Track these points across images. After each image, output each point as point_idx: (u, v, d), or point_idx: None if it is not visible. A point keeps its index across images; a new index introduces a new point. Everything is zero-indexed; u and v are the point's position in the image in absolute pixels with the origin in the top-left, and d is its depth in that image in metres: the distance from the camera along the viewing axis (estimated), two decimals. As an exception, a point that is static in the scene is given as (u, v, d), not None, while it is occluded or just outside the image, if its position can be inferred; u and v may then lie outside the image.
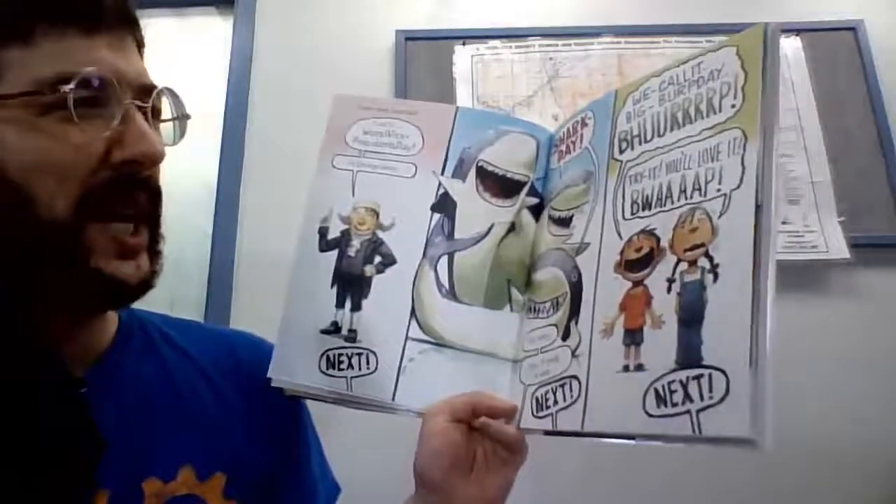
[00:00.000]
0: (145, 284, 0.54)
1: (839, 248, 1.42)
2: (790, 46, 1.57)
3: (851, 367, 1.39)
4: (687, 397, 0.47)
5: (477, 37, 1.63)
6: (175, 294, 1.48)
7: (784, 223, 1.44)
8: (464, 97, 1.57)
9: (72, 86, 0.48)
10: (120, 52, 0.52)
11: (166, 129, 0.57)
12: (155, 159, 0.52)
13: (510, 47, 1.62)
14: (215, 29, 1.74)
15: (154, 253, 0.55)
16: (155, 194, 0.55)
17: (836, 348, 1.39)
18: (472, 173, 0.68)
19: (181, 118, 0.58)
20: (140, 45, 0.56)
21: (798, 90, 1.54)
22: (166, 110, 0.57)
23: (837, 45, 1.59)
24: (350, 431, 1.16)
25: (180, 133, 0.59)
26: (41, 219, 0.48)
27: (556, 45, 1.62)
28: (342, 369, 0.63)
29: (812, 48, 1.55)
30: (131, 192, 0.52)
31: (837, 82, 1.56)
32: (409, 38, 1.62)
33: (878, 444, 1.34)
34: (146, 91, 0.53)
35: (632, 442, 0.52)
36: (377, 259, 0.66)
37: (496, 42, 1.63)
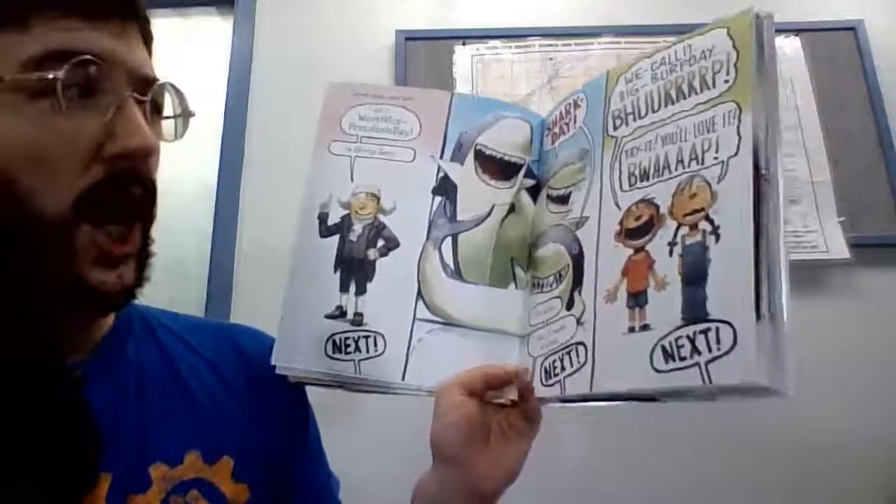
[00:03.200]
0: (128, 294, 0.52)
1: (839, 248, 1.42)
2: (790, 46, 1.57)
3: (851, 367, 1.39)
4: (695, 350, 0.49)
5: (477, 37, 1.63)
6: (175, 294, 1.48)
7: (784, 223, 1.44)
8: (464, 97, 1.57)
9: (62, 70, 0.46)
10: (122, 40, 0.50)
11: (168, 124, 0.56)
12: (147, 153, 0.50)
13: (510, 47, 1.62)
14: (215, 29, 1.74)
15: (143, 259, 0.53)
16: (149, 189, 0.52)
17: (836, 348, 1.39)
18: (471, 157, 0.69)
19: (184, 115, 0.57)
20: (147, 40, 0.54)
21: (798, 90, 1.54)
22: (169, 106, 0.56)
23: (837, 45, 1.59)
24: (353, 426, 1.15)
25: (182, 130, 0.57)
26: (31, 215, 0.46)
27: (556, 45, 1.62)
28: (349, 353, 0.63)
29: (812, 48, 1.55)
30: (126, 188, 0.50)
31: (837, 82, 1.56)
32: (409, 38, 1.63)
33: (878, 444, 1.34)
34: (146, 83, 0.51)
35: (648, 404, 0.54)
36: (380, 243, 0.66)
37: (496, 42, 1.63)
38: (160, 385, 0.58)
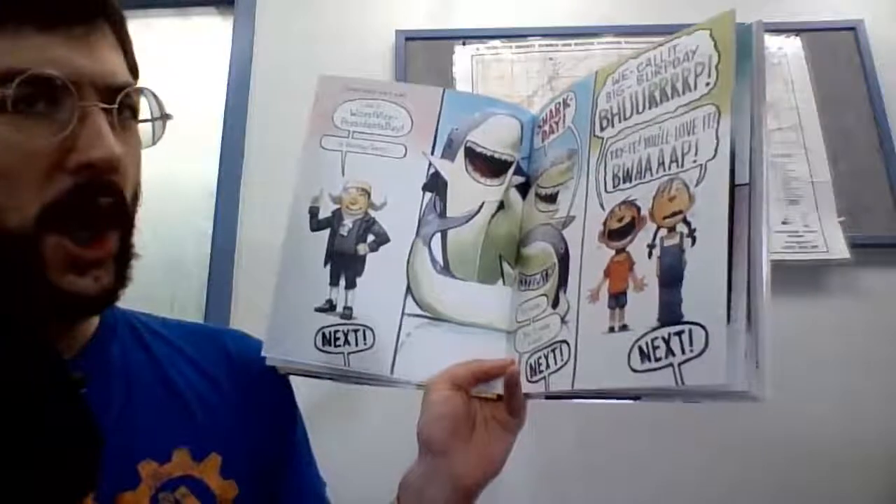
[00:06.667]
0: (106, 296, 0.52)
1: (839, 248, 1.41)
2: (790, 46, 1.57)
3: (851, 367, 1.38)
4: (669, 352, 0.50)
5: (477, 37, 1.63)
6: (175, 294, 1.48)
7: (784, 223, 1.44)
8: (464, 97, 1.57)
9: (10, 88, 0.45)
10: (81, 49, 0.49)
11: (146, 128, 0.55)
12: (109, 164, 0.48)
13: (510, 47, 1.62)
14: (215, 29, 1.74)
15: (122, 263, 0.53)
16: (119, 200, 0.51)
17: (836, 348, 1.39)
18: (461, 154, 0.70)
19: (162, 118, 0.55)
20: (123, 40, 0.53)
21: (798, 90, 1.54)
22: (147, 110, 0.55)
23: (837, 45, 1.59)
24: (348, 426, 1.15)
25: (160, 133, 0.56)
26: None
27: (556, 46, 1.62)
28: (339, 345, 0.64)
29: (812, 48, 1.55)
30: (93, 198, 0.49)
31: (837, 82, 1.55)
32: (409, 38, 1.62)
33: (878, 444, 1.34)
34: (114, 90, 0.50)
35: (630, 402, 0.55)
36: (370, 238, 0.67)
37: (496, 42, 1.62)
38: (147, 384, 0.58)
